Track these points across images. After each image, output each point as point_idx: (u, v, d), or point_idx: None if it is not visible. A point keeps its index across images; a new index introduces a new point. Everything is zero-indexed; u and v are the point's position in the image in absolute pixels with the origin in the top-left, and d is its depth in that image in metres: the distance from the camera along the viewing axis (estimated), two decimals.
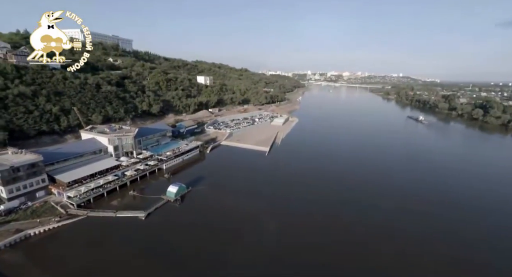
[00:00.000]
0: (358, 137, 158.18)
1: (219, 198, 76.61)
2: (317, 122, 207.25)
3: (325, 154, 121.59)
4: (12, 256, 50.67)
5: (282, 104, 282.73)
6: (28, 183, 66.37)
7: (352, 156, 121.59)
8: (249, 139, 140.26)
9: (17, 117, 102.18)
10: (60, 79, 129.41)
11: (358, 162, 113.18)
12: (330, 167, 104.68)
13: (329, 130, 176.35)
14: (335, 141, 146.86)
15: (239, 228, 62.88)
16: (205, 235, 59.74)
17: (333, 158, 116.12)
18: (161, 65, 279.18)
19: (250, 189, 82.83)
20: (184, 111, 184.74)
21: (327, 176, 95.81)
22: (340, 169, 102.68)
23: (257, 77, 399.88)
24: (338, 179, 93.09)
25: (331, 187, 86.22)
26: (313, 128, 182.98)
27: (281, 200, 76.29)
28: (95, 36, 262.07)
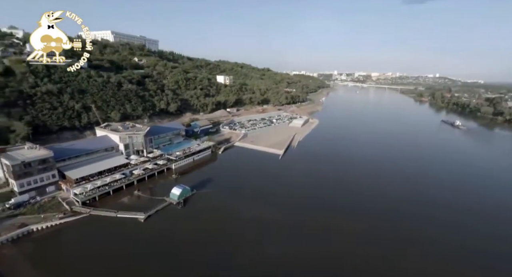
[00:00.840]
0: (383, 142, 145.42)
1: (222, 204, 72.68)
2: (339, 124, 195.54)
3: (345, 160, 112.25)
4: (11, 251, 51.25)
5: (304, 105, 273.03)
6: (39, 178, 68.12)
7: (375, 163, 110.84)
8: (264, 141, 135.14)
9: (43, 113, 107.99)
10: (84, 78, 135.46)
11: (381, 170, 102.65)
12: (349, 176, 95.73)
13: (351, 134, 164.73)
14: (357, 146, 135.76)
15: (238, 240, 58.28)
16: (202, 243, 56.17)
17: (353, 166, 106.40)
18: (184, 64, 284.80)
19: (257, 196, 77.80)
20: (201, 110, 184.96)
21: (344, 185, 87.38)
22: (360, 178, 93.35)
23: (279, 77, 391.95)
24: (357, 189, 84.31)
25: (348, 197, 78.11)
26: (334, 131, 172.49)
27: (289, 211, 69.97)
28: (124, 37, 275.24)
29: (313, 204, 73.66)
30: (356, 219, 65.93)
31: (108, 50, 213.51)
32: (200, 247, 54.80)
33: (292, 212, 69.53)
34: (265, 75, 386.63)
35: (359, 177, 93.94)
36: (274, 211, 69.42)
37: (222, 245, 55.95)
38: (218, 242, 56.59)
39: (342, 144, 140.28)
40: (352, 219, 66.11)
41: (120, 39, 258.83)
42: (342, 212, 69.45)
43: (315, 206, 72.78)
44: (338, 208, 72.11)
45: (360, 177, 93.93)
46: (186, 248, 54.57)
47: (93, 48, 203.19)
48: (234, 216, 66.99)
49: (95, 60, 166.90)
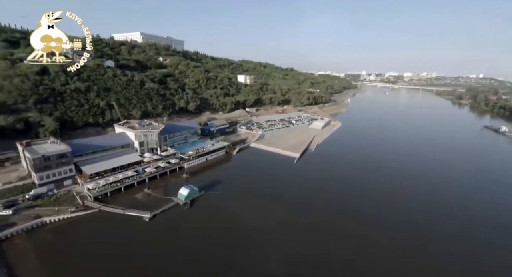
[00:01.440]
0: (411, 149, 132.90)
1: (229, 207, 70.41)
2: (363, 128, 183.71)
3: (366, 168, 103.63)
4: (23, 241, 53.57)
5: (327, 106, 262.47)
6: (57, 172, 71.40)
7: (400, 171, 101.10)
8: (281, 143, 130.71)
9: (70, 110, 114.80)
10: (110, 76, 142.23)
11: (407, 178, 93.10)
12: (369, 184, 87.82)
13: (376, 139, 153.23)
14: (382, 153, 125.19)
15: (241, 247, 55.37)
16: (203, 247, 54.19)
17: (375, 175, 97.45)
18: (207, 64, 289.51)
19: (267, 201, 74.19)
20: (220, 109, 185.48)
21: (363, 195, 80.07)
22: (381, 188, 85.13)
23: (302, 77, 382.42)
24: (376, 200, 76.78)
25: (365, 209, 71.13)
26: (357, 135, 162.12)
27: (298, 220, 65.40)
28: (152, 38, 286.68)
29: (325, 213, 68.27)
30: (374, 230, 59.49)
31: (135, 51, 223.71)
32: (200, 251, 52.98)
33: (302, 220, 64.98)
34: (288, 75, 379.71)
35: (380, 187, 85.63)
36: (282, 218, 65.58)
37: (224, 251, 53.47)
38: (220, 247, 54.36)
39: (364, 149, 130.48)
40: (371, 233, 59.74)
41: (147, 40, 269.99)
42: (357, 224, 63.13)
43: (328, 215, 67.31)
44: (351, 218, 65.77)
45: (382, 187, 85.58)
46: (185, 251, 53.13)
47: (122, 48, 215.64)
48: (240, 221, 64.39)
49: (122, 60, 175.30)
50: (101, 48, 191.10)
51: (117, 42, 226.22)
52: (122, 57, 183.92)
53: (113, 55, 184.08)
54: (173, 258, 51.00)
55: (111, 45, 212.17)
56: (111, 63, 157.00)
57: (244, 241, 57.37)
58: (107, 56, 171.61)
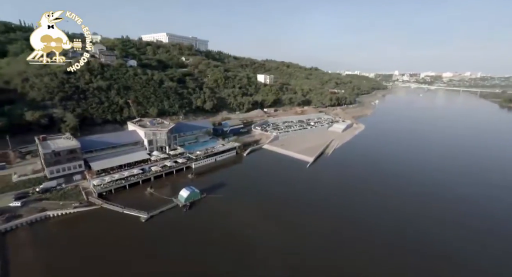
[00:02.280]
0: (442, 159, 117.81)
1: (229, 212, 66.90)
2: (388, 132, 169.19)
3: (386, 178, 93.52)
4: (25, 234, 55.29)
5: (351, 108, 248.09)
6: (67, 167, 73.93)
7: (426, 185, 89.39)
8: (295, 145, 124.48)
9: (92, 107, 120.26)
10: (131, 75, 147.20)
11: (433, 194, 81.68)
12: (386, 198, 78.62)
13: (401, 145, 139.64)
14: (406, 162, 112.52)
15: (235, 258, 51.40)
16: (193, 254, 51.34)
17: (397, 185, 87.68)
18: (228, 63, 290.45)
19: (269, 209, 69.39)
20: (238, 109, 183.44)
21: (377, 209, 71.73)
22: (400, 203, 75.60)
23: (327, 76, 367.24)
24: (392, 214, 68.04)
25: (378, 227, 63.10)
26: (381, 140, 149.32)
27: (302, 234, 59.81)
28: (177, 38, 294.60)
29: (334, 226, 61.63)
30: (388, 252, 51.96)
31: (160, 50, 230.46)
32: (189, 258, 50.18)
33: (306, 230, 59.27)
34: (311, 74, 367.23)
35: (398, 201, 76.05)
36: (283, 229, 60.46)
37: (215, 260, 50.02)
38: (212, 256, 51.02)
39: (386, 157, 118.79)
40: (383, 255, 52.30)
41: (173, 40, 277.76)
42: (368, 242, 55.81)
43: (337, 228, 60.69)
44: (361, 232, 58.45)
45: (401, 202, 75.89)
46: (173, 257, 50.52)
47: (148, 48, 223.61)
48: (238, 229, 60.39)
49: (145, 59, 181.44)
50: (127, 48, 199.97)
51: (144, 43, 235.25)
52: (145, 56, 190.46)
53: (138, 55, 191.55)
54: (159, 262, 48.80)
55: (137, 46, 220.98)
56: (134, 62, 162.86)
57: (239, 250, 53.41)
58: (131, 56, 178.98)
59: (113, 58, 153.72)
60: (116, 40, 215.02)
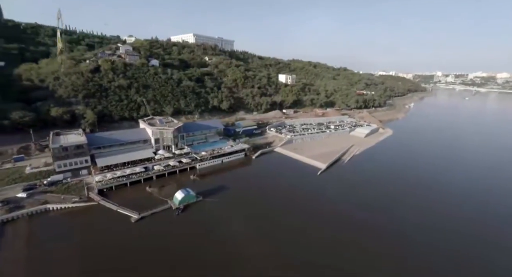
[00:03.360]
0: (479, 177, 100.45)
1: (223, 220, 62.85)
2: (420, 139, 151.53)
3: (408, 194, 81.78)
4: (23, 225, 57.34)
5: (379, 111, 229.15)
6: (74, 161, 76.70)
7: (460, 211, 76.08)
8: (309, 150, 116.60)
9: (111, 104, 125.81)
10: (151, 74, 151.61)
11: (465, 221, 68.77)
12: (408, 219, 68.13)
13: (432, 155, 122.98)
14: (437, 178, 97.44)
15: (219, 270, 47.33)
16: (174, 261, 48.37)
17: (424, 204, 75.79)
18: (252, 63, 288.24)
19: (265, 219, 63.90)
20: (255, 109, 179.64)
21: (393, 232, 62.10)
22: (423, 226, 64.70)
23: (356, 77, 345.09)
24: (418, 244, 58.06)
25: (399, 252, 54.04)
26: (409, 148, 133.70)
27: (301, 256, 53.62)
28: (203, 38, 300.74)
29: (333, 249, 54.29)
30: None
31: (185, 50, 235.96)
32: (168, 265, 47.28)
33: (302, 256, 52.72)
34: (340, 75, 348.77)
35: (420, 223, 65.13)
36: (278, 246, 54.74)
37: (197, 270, 46.51)
38: (193, 266, 47.58)
39: (412, 168, 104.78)
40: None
41: (199, 40, 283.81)
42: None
43: (338, 250, 53.30)
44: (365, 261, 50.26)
45: (425, 225, 64.91)
46: (151, 264, 48.00)
47: (173, 49, 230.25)
48: (228, 237, 56.25)
49: (168, 59, 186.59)
50: (154, 49, 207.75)
51: (170, 43, 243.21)
52: (169, 56, 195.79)
53: (162, 54, 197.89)
54: (132, 270, 46.60)
55: (164, 46, 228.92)
56: (156, 62, 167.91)
57: (221, 263, 49.14)
58: (155, 55, 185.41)
59: (137, 58, 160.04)
60: (144, 41, 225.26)
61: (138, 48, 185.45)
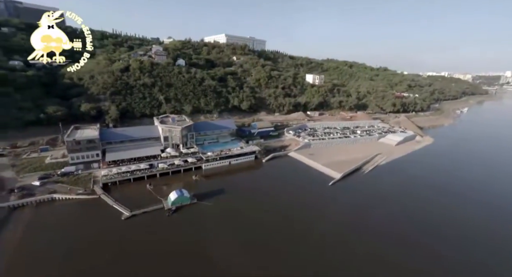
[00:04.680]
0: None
1: (209, 229, 59.20)
2: (468, 151, 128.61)
3: (439, 220, 68.23)
4: (28, 212, 61.52)
5: (421, 116, 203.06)
6: (86, 155, 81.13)
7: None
8: (326, 156, 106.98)
9: (135, 102, 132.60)
10: (175, 73, 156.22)
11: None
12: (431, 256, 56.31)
13: (484, 175, 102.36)
14: (490, 205, 79.49)
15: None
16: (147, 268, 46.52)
17: (458, 234, 62.64)
18: (282, 63, 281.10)
19: (255, 237, 57.90)
20: (277, 110, 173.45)
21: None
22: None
23: (397, 78, 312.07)
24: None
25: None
26: (451, 161, 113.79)
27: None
28: (235, 38, 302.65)
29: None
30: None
31: (215, 50, 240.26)
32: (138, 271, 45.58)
33: None
34: (378, 75, 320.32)
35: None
36: (259, 267, 49.32)
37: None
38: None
39: (448, 185, 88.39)
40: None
41: (231, 41, 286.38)
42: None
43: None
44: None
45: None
46: (118, 265, 46.74)
47: (204, 49, 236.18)
48: (206, 248, 52.65)
49: (195, 59, 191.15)
50: (185, 49, 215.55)
51: (201, 43, 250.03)
52: (196, 56, 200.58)
53: (192, 54, 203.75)
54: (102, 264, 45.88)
55: (195, 46, 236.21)
56: (182, 61, 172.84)
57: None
58: (184, 55, 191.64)
59: (164, 57, 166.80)
60: (177, 42, 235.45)
61: (168, 49, 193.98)
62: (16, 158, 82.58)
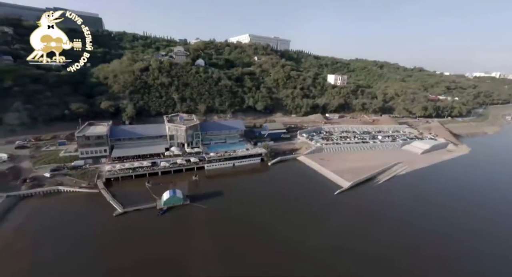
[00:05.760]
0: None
1: (195, 234, 57.07)
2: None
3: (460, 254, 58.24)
4: (33, 202, 65.42)
5: (458, 122, 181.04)
6: (94, 150, 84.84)
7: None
8: (338, 162, 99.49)
9: (152, 100, 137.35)
10: (193, 73, 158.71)
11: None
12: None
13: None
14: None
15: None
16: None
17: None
18: (305, 63, 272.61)
19: (240, 249, 54.39)
20: (294, 112, 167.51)
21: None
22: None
23: (434, 79, 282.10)
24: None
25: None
26: (488, 176, 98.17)
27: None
28: (259, 38, 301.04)
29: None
30: None
31: (236, 50, 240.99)
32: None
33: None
34: (412, 76, 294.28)
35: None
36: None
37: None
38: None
39: (480, 206, 75.63)
40: None
41: (254, 41, 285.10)
42: None
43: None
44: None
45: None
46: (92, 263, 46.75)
47: (226, 49, 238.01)
48: (189, 259, 50.46)
49: (214, 59, 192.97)
50: (208, 49, 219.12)
51: (224, 44, 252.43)
52: (215, 56, 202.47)
53: (213, 54, 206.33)
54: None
55: (218, 47, 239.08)
56: (202, 61, 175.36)
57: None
58: (206, 55, 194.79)
59: (183, 58, 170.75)
60: (200, 43, 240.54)
61: (189, 49, 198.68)
62: (36, 150, 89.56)
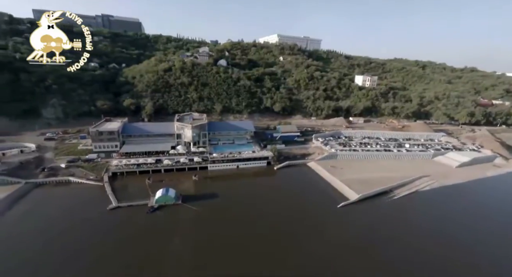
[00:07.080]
0: None
1: (175, 238, 55.67)
2: None
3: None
4: (44, 191, 71.20)
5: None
6: (106, 145, 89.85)
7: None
8: (351, 171, 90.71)
9: (171, 99, 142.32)
10: (213, 73, 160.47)
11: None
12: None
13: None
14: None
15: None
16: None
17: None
18: (334, 63, 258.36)
19: (223, 261, 52.15)
20: (314, 114, 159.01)
21: None
22: None
23: (489, 81, 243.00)
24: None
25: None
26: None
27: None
28: (288, 38, 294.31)
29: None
30: None
31: (262, 51, 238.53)
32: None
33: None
34: (461, 77, 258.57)
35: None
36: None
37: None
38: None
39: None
40: None
41: (283, 41, 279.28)
42: None
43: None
44: None
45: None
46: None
47: (252, 49, 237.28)
48: (161, 266, 49.29)
49: (237, 59, 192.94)
50: (234, 50, 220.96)
51: (250, 44, 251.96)
52: (239, 56, 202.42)
53: (238, 55, 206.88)
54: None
55: (244, 47, 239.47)
56: (224, 62, 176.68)
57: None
58: (230, 56, 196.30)
59: (206, 58, 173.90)
60: (227, 43, 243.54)
61: (213, 50, 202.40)
62: (61, 142, 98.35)
